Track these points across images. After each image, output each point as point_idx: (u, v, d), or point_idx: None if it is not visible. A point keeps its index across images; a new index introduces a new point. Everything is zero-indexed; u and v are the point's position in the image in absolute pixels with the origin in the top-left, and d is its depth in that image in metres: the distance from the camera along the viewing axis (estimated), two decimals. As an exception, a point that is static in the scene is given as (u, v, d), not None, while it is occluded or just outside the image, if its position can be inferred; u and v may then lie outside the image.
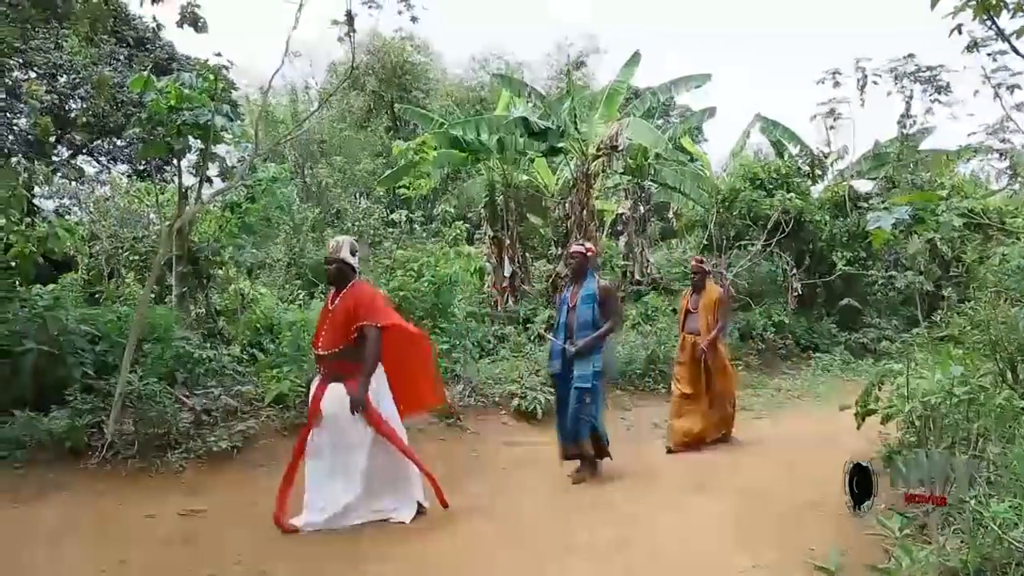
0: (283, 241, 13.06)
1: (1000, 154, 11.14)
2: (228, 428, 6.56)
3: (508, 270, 13.33)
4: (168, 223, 7.95)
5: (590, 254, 6.43)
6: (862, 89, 10.36)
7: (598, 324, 6.14)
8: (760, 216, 13.48)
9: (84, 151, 16.53)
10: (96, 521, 5.17)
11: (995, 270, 9.81)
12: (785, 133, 15.21)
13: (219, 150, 8.65)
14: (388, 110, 20.80)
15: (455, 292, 10.15)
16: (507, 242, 13.48)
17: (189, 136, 8.06)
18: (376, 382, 5.01)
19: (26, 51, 13.15)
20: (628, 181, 14.38)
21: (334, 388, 4.98)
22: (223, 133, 8.28)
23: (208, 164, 8.31)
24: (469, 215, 15.44)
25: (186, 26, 7.67)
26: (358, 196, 16.16)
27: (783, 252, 13.44)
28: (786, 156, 15.23)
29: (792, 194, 13.37)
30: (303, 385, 7.16)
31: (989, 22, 4.82)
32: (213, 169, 8.72)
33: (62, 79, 14.71)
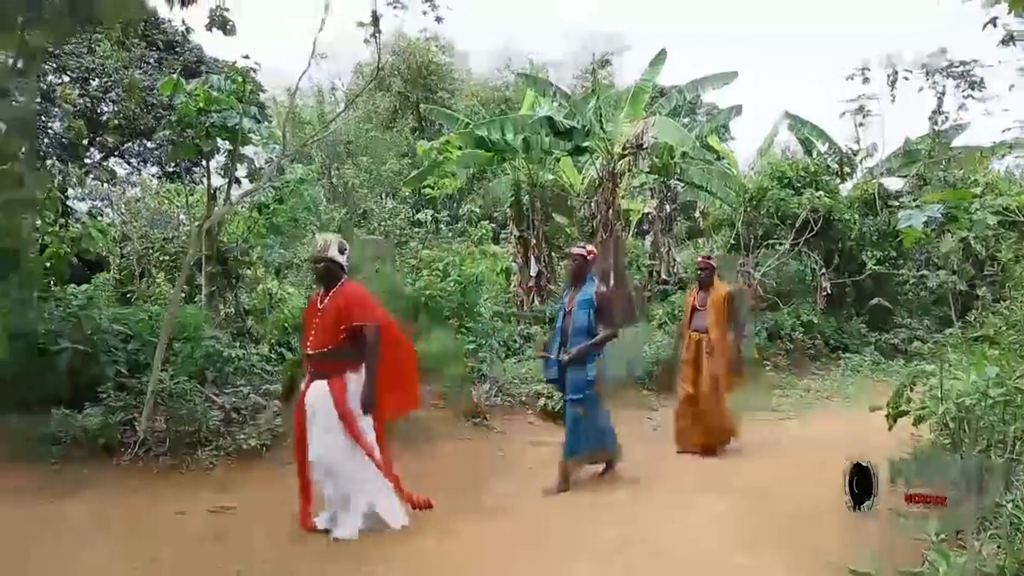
0: (310, 241, 13.15)
1: (1036, 150, 10.93)
2: (257, 426, 6.63)
3: (534, 270, 13.32)
4: (198, 224, 8.04)
5: (590, 257, 6.22)
6: (892, 85, 10.25)
7: (594, 331, 5.93)
8: (788, 215, 13.34)
9: (115, 153, 16.78)
10: (129, 517, 5.25)
11: (1031, 269, 9.62)
12: (813, 131, 15.04)
13: (247, 151, 8.75)
14: (414, 111, 20.89)
15: (481, 292, 10.17)
16: (533, 242, 13.48)
17: (217, 138, 8.16)
18: (355, 382, 4.90)
19: (60, 56, 13.40)
20: (654, 180, 14.31)
21: (317, 386, 4.91)
22: (251, 135, 8.38)
23: (236, 165, 8.41)
24: (495, 215, 15.46)
25: (215, 29, 7.77)
26: (384, 196, 16.24)
27: (811, 251, 13.28)
28: (814, 154, 15.07)
29: (821, 192, 13.21)
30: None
31: (1026, 15, 4.72)
32: (241, 170, 8.84)
33: (94, 83, 14.95)
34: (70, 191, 13.13)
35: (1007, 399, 4.36)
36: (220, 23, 7.69)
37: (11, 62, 9.40)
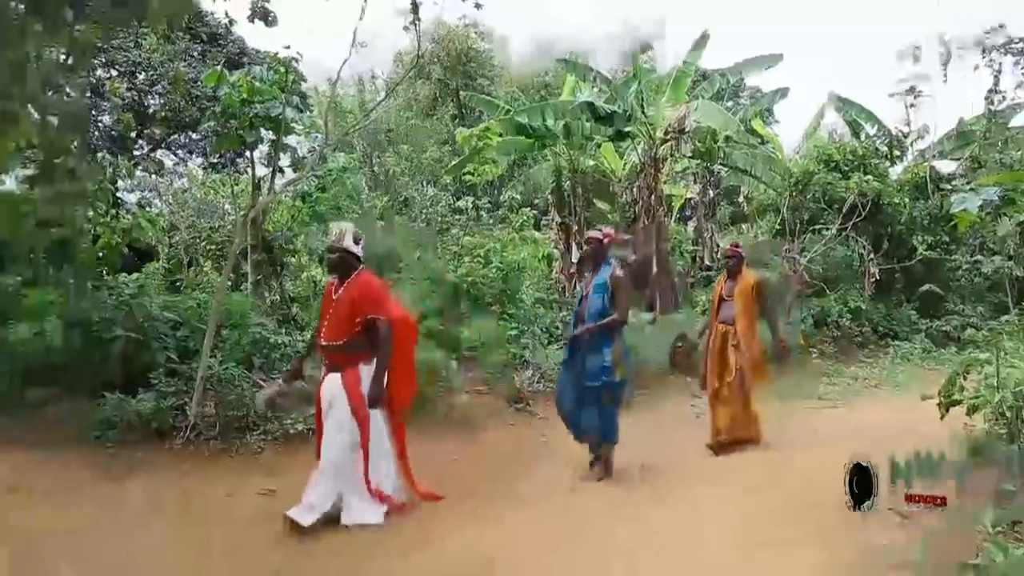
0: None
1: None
2: (303, 411, 6.73)
3: (576, 256, 13.26)
4: (243, 213, 8.17)
5: (606, 240, 6.02)
6: (945, 64, 9.91)
7: (607, 316, 5.78)
8: (835, 199, 13.06)
9: (162, 145, 17.13)
10: (181, 499, 5.39)
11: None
12: (862, 113, 14.68)
13: (290, 141, 8.85)
14: (453, 98, 20.90)
15: (523, 278, 10.16)
16: (574, 228, 13.42)
17: (261, 128, 8.27)
18: (368, 375, 4.85)
19: (107, 50, 13.68)
20: (697, 165, 14.14)
21: (331, 379, 4.88)
22: (293, 124, 8.47)
23: (280, 155, 8.52)
24: (536, 201, 15.42)
25: (256, 20, 7.85)
26: (425, 184, 16.30)
27: (859, 236, 13.00)
28: (863, 136, 14.72)
29: (869, 176, 12.91)
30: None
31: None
32: (284, 160, 8.94)
33: (141, 76, 15.26)
34: (120, 183, 13.44)
35: (1067, 387, 4.22)
36: (262, 14, 7.76)
37: (62, 58, 9.63)
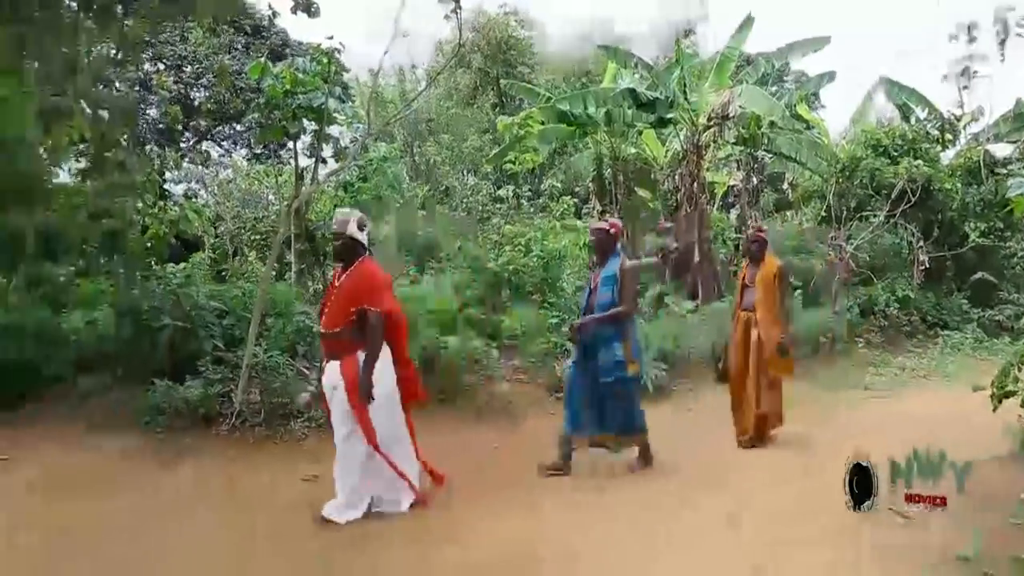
0: (393, 219, 13.36)
1: None
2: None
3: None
4: (287, 203, 8.28)
5: (613, 231, 5.83)
6: (1002, 43, 9.55)
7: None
8: (883, 185, 12.74)
9: (208, 137, 17.46)
10: (226, 485, 5.51)
11: None
12: (912, 96, 14.28)
13: (332, 131, 8.92)
14: (494, 86, 20.87)
15: (564, 267, 10.13)
16: (615, 216, 13.31)
17: (304, 119, 8.34)
18: (379, 365, 4.72)
19: (155, 45, 13.97)
20: (740, 151, 13.90)
21: (331, 368, 4.79)
22: (335, 115, 8.53)
23: (323, 145, 8.60)
24: (576, 189, 15.34)
25: (299, 12, 7.92)
26: (465, 173, 16.33)
27: (909, 223, 12.67)
28: (913, 120, 14.32)
29: (919, 161, 12.56)
30: (416, 359, 7.33)
31: None
32: (327, 150, 9.02)
33: (187, 69, 15.56)
34: (167, 174, 13.75)
35: None
36: (304, 6, 7.83)
37: (111, 53, 9.86)
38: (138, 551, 4.25)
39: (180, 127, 14.67)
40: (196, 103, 16.02)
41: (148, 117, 14.48)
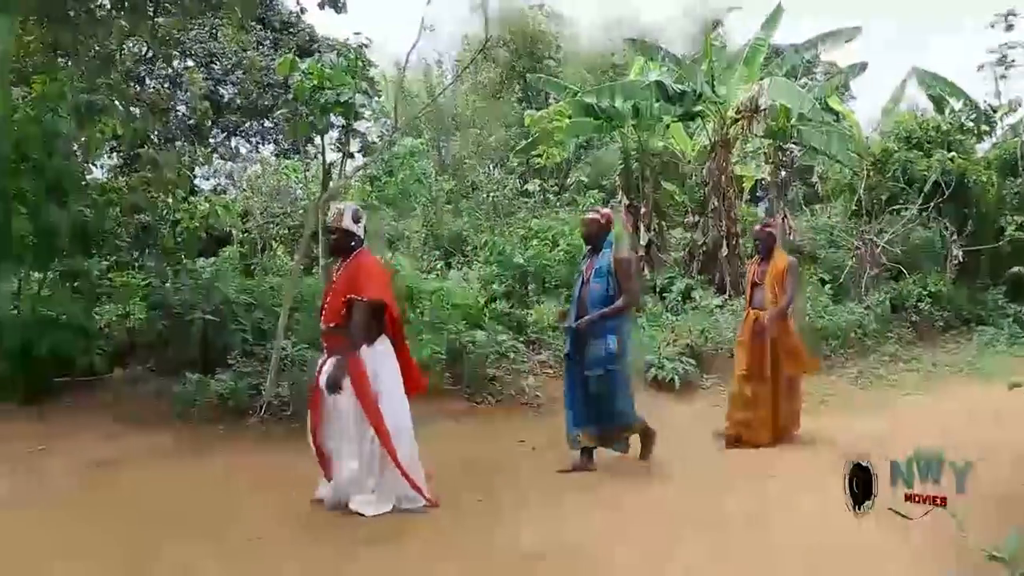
0: (420, 213, 13.42)
1: None
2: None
3: (644, 238, 13.10)
4: (317, 199, 8.33)
5: (604, 221, 5.70)
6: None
7: (611, 301, 5.44)
8: (916, 178, 12.52)
9: (236, 133, 17.64)
10: (255, 475, 5.55)
11: None
12: (946, 86, 13.99)
13: (359, 126, 8.97)
14: (519, 80, 20.82)
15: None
16: (643, 210, 13.24)
17: (331, 114, 8.39)
18: (378, 360, 4.65)
19: (185, 42, 14.12)
20: (769, 144, 13.74)
21: (330, 363, 4.66)
22: (362, 110, 8.57)
23: (350, 140, 8.65)
24: (603, 183, 15.26)
25: (326, 7, 7.98)
26: (492, 167, 16.32)
27: (942, 217, 12.45)
28: (947, 112, 14.05)
29: (953, 153, 12.32)
30: (443, 353, 7.39)
31: None
32: (354, 144, 9.08)
33: (215, 66, 15.72)
34: (197, 170, 13.92)
35: None
36: (332, 1, 7.89)
37: (144, 50, 9.99)
38: (166, 536, 4.31)
39: (209, 123, 14.83)
40: (225, 99, 16.19)
41: (178, 113, 14.64)
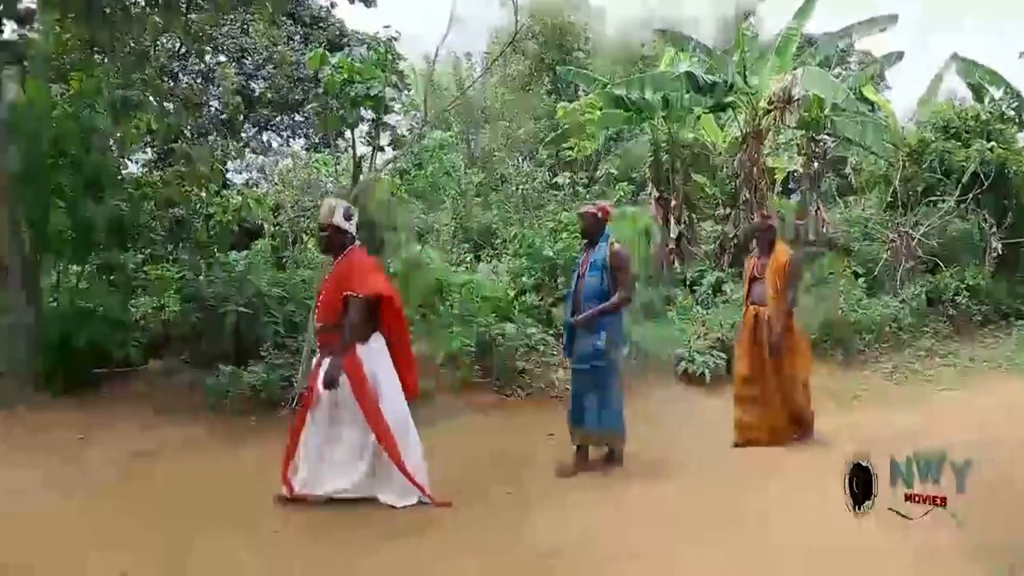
0: (449, 206, 13.45)
1: None
2: (403, 384, 6.89)
3: (674, 231, 12.99)
4: (353, 194, 8.37)
5: (601, 215, 5.61)
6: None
7: (606, 296, 5.38)
8: (953, 169, 12.24)
9: (268, 127, 17.81)
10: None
11: None
12: (986, 74, 13.65)
13: (388, 119, 9.00)
14: (548, 73, 20.75)
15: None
16: (673, 202, 13.14)
17: (361, 108, 8.44)
18: (374, 359, 4.65)
19: (217, 37, 14.27)
20: (802, 135, 13.54)
21: (326, 363, 4.64)
22: (392, 103, 8.61)
23: (380, 134, 8.68)
24: (633, 176, 15.17)
25: (356, 1, 8.00)
26: (521, 160, 16.31)
27: (980, 208, 12.17)
28: (986, 100, 13.72)
29: (993, 143, 12.03)
30: (472, 346, 7.40)
31: None
32: (384, 138, 9.11)
33: (247, 61, 15.87)
34: (229, 164, 14.08)
35: None
36: (362, -5, 7.91)
37: (177, 46, 10.11)
38: (197, 522, 4.39)
39: (241, 118, 14.99)
40: (256, 94, 16.34)
41: (211, 108, 14.82)
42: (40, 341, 6.95)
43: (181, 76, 14.58)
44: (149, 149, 12.56)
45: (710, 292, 11.34)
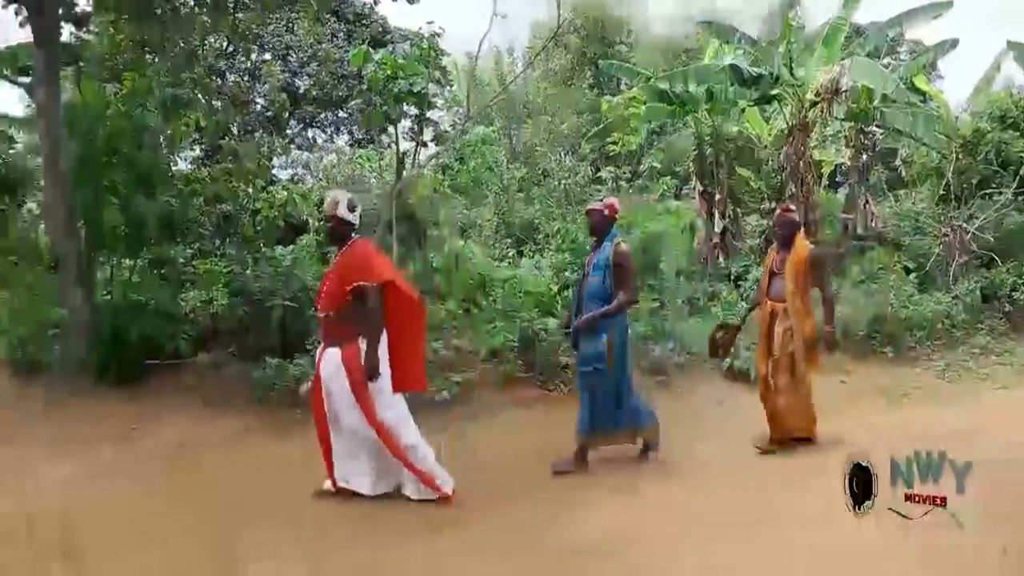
0: (492, 201, 13.47)
1: None
2: (446, 379, 6.94)
3: (719, 225, 12.84)
4: (398, 189, 8.45)
5: (608, 213, 5.47)
6: None
7: (608, 296, 5.28)
8: (1011, 160, 11.86)
9: (312, 124, 18.06)
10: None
11: None
12: (1046, 62, 13.22)
13: (431, 115, 9.06)
14: (590, 66, 20.64)
15: (663, 249, 9.98)
16: (717, 197, 12.98)
17: (404, 104, 8.50)
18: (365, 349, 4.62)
19: (263, 36, 14.51)
20: (850, 127, 13.25)
21: (330, 355, 4.68)
22: (435, 99, 8.65)
23: (423, 129, 8.74)
24: (676, 170, 15.02)
25: (400, -2, 8.04)
26: (563, 154, 16.26)
27: (1040, 201, 11.78)
28: (1045, 89, 13.28)
29: (1053, 133, 11.64)
30: (515, 341, 7.41)
31: None
32: (427, 133, 9.18)
33: (292, 58, 16.10)
34: (275, 160, 14.31)
35: None
36: (405, -9, 7.95)
37: (224, 45, 10.30)
38: (252, 520, 4.47)
39: (287, 115, 15.22)
40: (301, 91, 16.58)
41: (257, 106, 15.07)
42: (95, 335, 7.14)
43: (228, 74, 14.86)
44: (197, 146, 12.83)
45: (755, 287, 11.18)
